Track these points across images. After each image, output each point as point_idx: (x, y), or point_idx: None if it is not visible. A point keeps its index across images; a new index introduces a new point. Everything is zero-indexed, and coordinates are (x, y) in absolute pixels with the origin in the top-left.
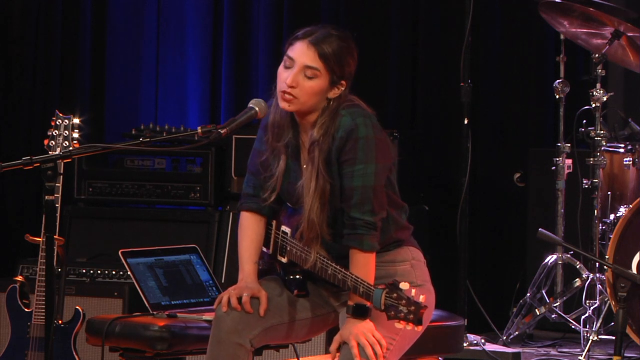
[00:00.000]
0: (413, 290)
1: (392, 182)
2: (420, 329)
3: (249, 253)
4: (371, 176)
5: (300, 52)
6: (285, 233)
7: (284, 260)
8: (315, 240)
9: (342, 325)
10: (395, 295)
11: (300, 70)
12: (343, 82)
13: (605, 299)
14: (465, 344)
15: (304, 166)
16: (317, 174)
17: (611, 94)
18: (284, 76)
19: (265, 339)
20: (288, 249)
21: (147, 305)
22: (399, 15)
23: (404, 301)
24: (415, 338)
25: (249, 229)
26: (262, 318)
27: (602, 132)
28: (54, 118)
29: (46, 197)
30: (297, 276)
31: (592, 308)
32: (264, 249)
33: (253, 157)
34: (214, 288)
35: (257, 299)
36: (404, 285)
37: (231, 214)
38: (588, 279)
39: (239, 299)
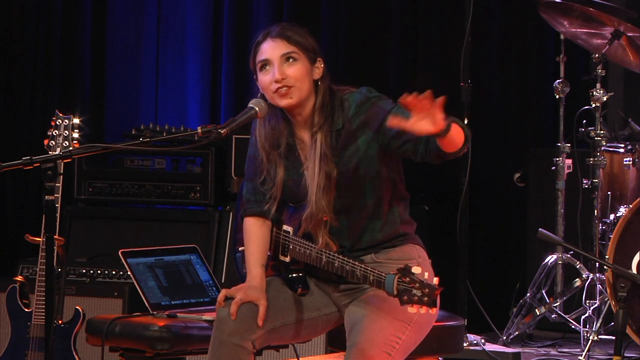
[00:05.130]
0: (426, 274)
1: (400, 169)
2: (434, 311)
3: (256, 257)
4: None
5: (271, 49)
6: (287, 232)
7: (287, 259)
8: (323, 225)
9: (348, 324)
10: (407, 279)
11: (280, 62)
12: (319, 59)
13: (605, 299)
14: (465, 344)
15: (306, 156)
16: (321, 156)
17: (611, 94)
18: (268, 79)
19: (268, 340)
20: (291, 247)
21: (147, 305)
22: (399, 15)
23: (417, 284)
24: (426, 330)
25: (254, 233)
26: (264, 321)
27: (602, 132)
28: (54, 118)
29: (46, 197)
30: (299, 274)
31: (592, 308)
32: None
33: (249, 164)
34: (214, 288)
35: (256, 305)
36: (416, 269)
37: (231, 214)
38: (588, 279)
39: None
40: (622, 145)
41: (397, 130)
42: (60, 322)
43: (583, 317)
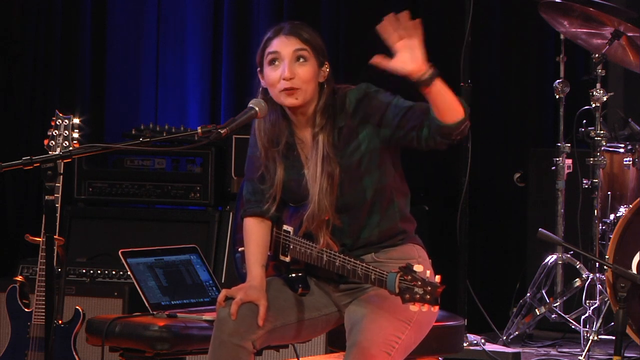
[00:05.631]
0: (428, 272)
1: (399, 163)
2: (436, 309)
3: (256, 257)
4: (407, 101)
5: (283, 44)
6: (288, 232)
7: (287, 259)
8: (325, 225)
9: (348, 324)
10: (409, 277)
11: (291, 60)
12: (326, 62)
13: (605, 299)
14: (465, 344)
15: (306, 156)
16: (323, 157)
17: (611, 94)
18: (276, 75)
19: (268, 340)
20: (291, 247)
21: (147, 305)
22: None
23: (419, 282)
24: (426, 329)
25: (254, 233)
26: (264, 320)
27: (602, 132)
28: (54, 118)
29: (46, 197)
30: (299, 274)
31: (592, 308)
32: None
33: (249, 164)
34: (214, 288)
35: (257, 305)
36: (418, 268)
37: (231, 214)
38: (588, 279)
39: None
40: (622, 145)
41: (400, 119)
42: (60, 322)
43: (583, 317)
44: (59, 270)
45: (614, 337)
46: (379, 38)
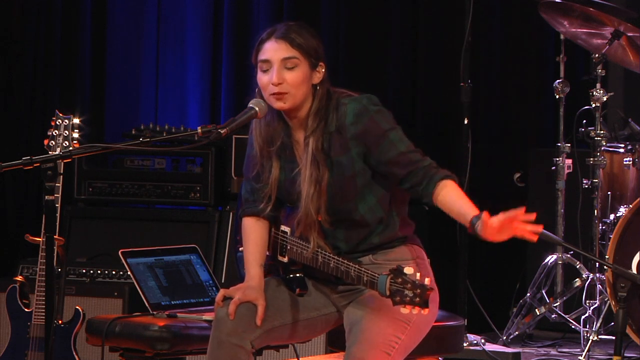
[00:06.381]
0: (418, 274)
1: None
2: (427, 312)
3: (254, 257)
4: (404, 138)
5: (273, 50)
6: (285, 232)
7: (285, 259)
8: (313, 228)
9: (347, 324)
10: (400, 280)
11: (280, 66)
12: (321, 63)
13: (605, 299)
14: (465, 344)
15: (300, 157)
16: (311, 161)
17: (611, 94)
18: (266, 79)
19: (267, 340)
20: (288, 247)
21: (147, 305)
22: (399, 15)
23: (409, 285)
24: (425, 330)
25: (252, 233)
26: (263, 320)
27: (602, 132)
28: (54, 118)
29: (46, 197)
30: (298, 274)
31: (592, 308)
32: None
33: (247, 163)
34: (214, 288)
35: (255, 305)
36: (408, 270)
37: (231, 214)
38: (588, 279)
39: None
40: (622, 145)
41: (387, 160)
42: (60, 322)
43: (583, 317)
44: (59, 270)
45: (614, 337)
46: (378, 38)
